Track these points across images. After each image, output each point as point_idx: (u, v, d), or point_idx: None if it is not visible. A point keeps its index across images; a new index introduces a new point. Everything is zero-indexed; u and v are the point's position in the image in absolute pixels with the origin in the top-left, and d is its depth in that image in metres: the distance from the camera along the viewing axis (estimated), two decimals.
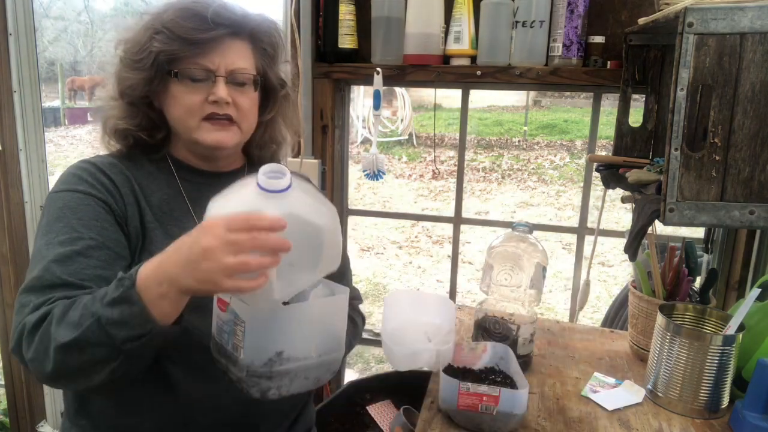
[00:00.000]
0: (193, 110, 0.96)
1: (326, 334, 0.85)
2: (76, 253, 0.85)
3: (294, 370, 0.81)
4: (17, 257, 1.90)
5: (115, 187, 0.95)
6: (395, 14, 1.61)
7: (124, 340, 0.75)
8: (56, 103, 12.41)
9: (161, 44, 0.93)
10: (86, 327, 0.75)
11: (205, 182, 1.05)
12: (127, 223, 0.94)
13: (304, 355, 0.82)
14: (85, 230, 0.88)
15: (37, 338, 0.79)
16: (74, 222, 0.88)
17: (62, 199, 0.91)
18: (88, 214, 0.90)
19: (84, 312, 0.77)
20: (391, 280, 4.79)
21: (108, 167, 0.97)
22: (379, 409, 1.57)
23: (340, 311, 0.87)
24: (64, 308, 0.79)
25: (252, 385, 0.80)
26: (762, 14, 0.92)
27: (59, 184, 0.95)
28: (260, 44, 1.02)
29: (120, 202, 0.94)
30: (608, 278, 4.76)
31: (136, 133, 1.01)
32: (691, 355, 1.01)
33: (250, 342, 0.77)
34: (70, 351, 0.76)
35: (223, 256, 0.68)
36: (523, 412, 0.96)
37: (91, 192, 0.92)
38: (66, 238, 0.87)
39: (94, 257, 0.86)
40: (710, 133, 0.97)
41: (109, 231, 0.90)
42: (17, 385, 2.01)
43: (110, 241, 0.89)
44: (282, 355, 0.79)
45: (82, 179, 0.94)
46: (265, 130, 1.10)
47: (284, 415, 1.09)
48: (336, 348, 0.86)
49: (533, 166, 8.89)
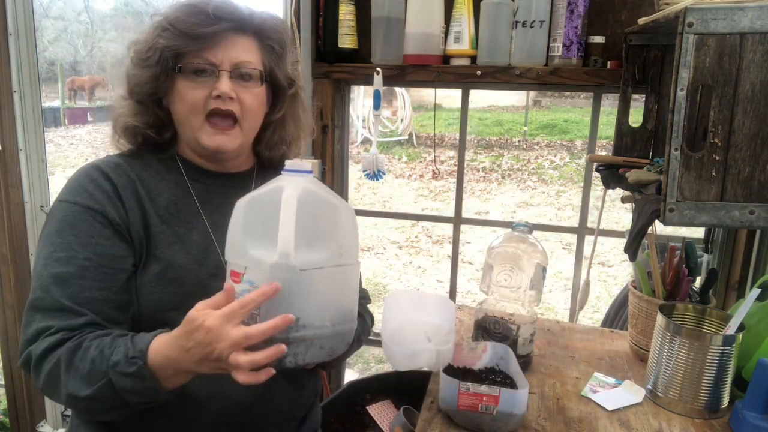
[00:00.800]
0: (197, 106, 0.96)
1: (340, 304, 0.87)
2: (72, 275, 0.89)
3: (310, 338, 0.83)
4: (17, 257, 1.90)
5: (117, 192, 0.95)
6: (395, 14, 1.61)
7: (137, 402, 0.83)
8: (56, 103, 12.41)
9: (166, 40, 0.94)
10: (99, 387, 0.82)
11: (215, 183, 1.05)
12: (129, 230, 0.95)
13: (319, 323, 0.83)
14: (80, 249, 0.91)
15: (45, 376, 0.86)
16: (71, 239, 0.91)
17: (62, 211, 0.94)
18: (85, 230, 0.92)
19: (93, 367, 0.82)
20: (391, 280, 4.79)
21: (113, 170, 0.98)
22: (379, 409, 1.57)
23: (352, 282, 0.90)
24: (70, 354, 0.84)
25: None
26: (762, 14, 0.92)
27: (64, 190, 0.96)
28: (267, 41, 1.01)
29: (121, 209, 0.95)
30: (608, 278, 4.76)
31: (145, 131, 1.02)
32: (691, 355, 1.01)
33: (267, 309, 0.79)
34: (82, 402, 0.84)
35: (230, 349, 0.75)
36: (523, 412, 0.96)
37: (89, 205, 0.93)
38: (63, 255, 0.90)
39: (89, 278, 0.90)
40: (710, 133, 0.97)
41: (104, 246, 0.92)
42: (17, 385, 2.01)
43: (105, 258, 0.92)
44: (298, 322, 0.80)
45: (83, 189, 0.95)
46: (275, 130, 1.09)
47: (291, 417, 1.08)
48: (350, 319, 0.89)
49: (533, 166, 8.88)
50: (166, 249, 0.95)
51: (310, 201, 0.81)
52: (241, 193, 1.07)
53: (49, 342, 0.85)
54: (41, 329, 0.87)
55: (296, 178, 0.84)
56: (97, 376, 0.82)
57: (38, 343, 0.86)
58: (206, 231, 1.01)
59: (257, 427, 1.01)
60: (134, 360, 0.81)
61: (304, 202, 0.80)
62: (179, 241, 0.97)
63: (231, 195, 1.06)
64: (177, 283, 0.94)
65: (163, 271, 0.94)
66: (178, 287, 0.94)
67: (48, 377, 0.85)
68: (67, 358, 0.84)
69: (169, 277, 0.94)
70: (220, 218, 1.02)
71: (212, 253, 0.99)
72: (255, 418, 1.00)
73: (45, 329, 0.87)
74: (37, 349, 0.86)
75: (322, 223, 0.83)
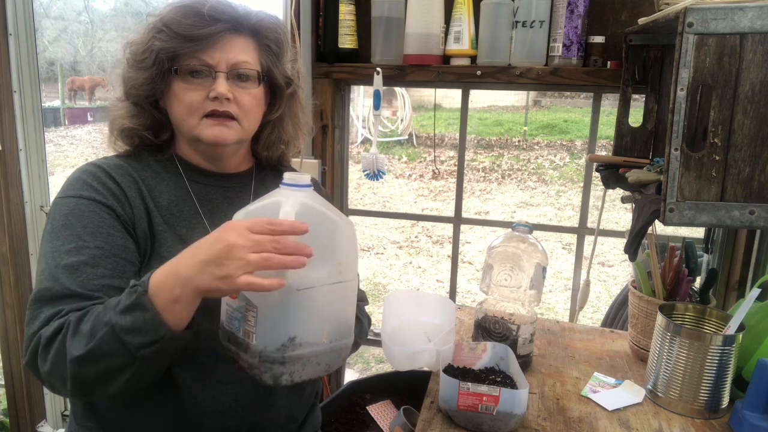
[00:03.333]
0: (194, 108, 0.95)
1: (337, 320, 0.86)
2: (83, 263, 0.86)
3: (307, 356, 0.81)
4: (17, 257, 1.90)
5: (122, 190, 0.94)
6: (395, 14, 1.61)
7: (139, 346, 0.77)
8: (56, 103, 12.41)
9: (161, 42, 0.93)
10: (100, 337, 0.77)
11: (214, 183, 1.04)
12: (135, 227, 0.94)
13: (316, 340, 0.82)
14: (90, 238, 0.88)
15: (53, 352, 0.80)
16: (80, 230, 0.89)
17: (67, 205, 0.91)
18: (93, 221, 0.90)
19: (96, 323, 0.78)
20: (391, 280, 4.79)
21: (115, 169, 0.97)
22: (379, 409, 1.57)
23: (350, 297, 0.88)
24: (77, 320, 0.80)
25: (265, 371, 0.80)
26: (762, 14, 0.92)
27: (65, 188, 0.95)
28: (264, 41, 1.01)
29: (126, 207, 0.94)
30: (608, 278, 4.76)
31: (142, 133, 1.01)
32: (691, 355, 1.01)
33: (263, 327, 0.78)
34: (86, 362, 0.78)
35: (246, 252, 0.72)
36: (523, 412, 0.96)
37: (95, 198, 0.92)
38: (72, 246, 0.87)
39: (101, 266, 0.87)
40: (710, 133, 0.97)
41: (115, 237, 0.90)
42: (17, 385, 2.01)
43: (117, 248, 0.90)
44: (295, 340, 0.79)
45: (88, 184, 0.93)
46: (273, 130, 1.09)
47: (293, 419, 1.08)
48: (346, 334, 0.87)
49: (533, 166, 8.88)
50: (170, 248, 0.95)
51: (309, 217, 0.78)
52: (241, 194, 1.07)
53: (59, 322, 0.81)
54: (51, 315, 0.83)
55: (294, 192, 0.81)
56: (100, 327, 0.77)
57: (48, 326, 0.82)
58: (206, 231, 1.00)
59: (258, 429, 1.01)
60: (134, 288, 0.77)
61: (303, 219, 0.78)
62: (181, 242, 0.97)
63: (230, 195, 1.06)
64: None
65: None
66: None
67: (55, 356, 0.80)
68: (74, 325, 0.80)
69: None
70: (219, 219, 1.02)
71: None
72: (256, 421, 1.00)
73: (55, 314, 0.83)
74: (47, 332, 0.81)
75: (321, 240, 0.80)
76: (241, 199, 1.07)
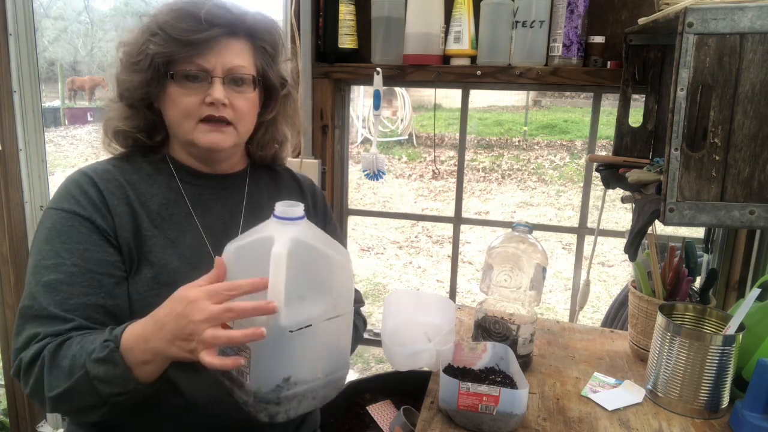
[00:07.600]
0: (189, 112, 0.95)
1: (332, 353, 0.84)
2: (60, 281, 0.88)
3: (302, 393, 0.80)
4: (17, 257, 1.90)
5: (103, 199, 0.94)
6: (395, 14, 1.61)
7: (110, 395, 0.80)
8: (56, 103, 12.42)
9: (157, 46, 0.93)
10: (75, 379, 0.80)
11: (207, 185, 1.04)
12: (117, 236, 0.94)
13: (311, 377, 0.81)
14: (68, 255, 0.90)
15: (32, 380, 0.85)
16: (59, 246, 0.91)
17: (51, 219, 0.94)
18: (72, 237, 0.91)
19: (73, 363, 0.81)
20: (391, 280, 4.79)
21: (101, 176, 0.97)
22: (379, 409, 1.57)
23: (345, 329, 0.86)
24: (53, 353, 0.84)
25: (260, 410, 0.79)
26: (762, 14, 0.92)
27: (53, 198, 0.97)
28: (259, 43, 1.00)
29: (107, 216, 0.94)
30: (608, 278, 4.76)
31: (135, 135, 1.01)
32: (691, 355, 1.01)
33: (256, 369, 0.76)
34: (63, 399, 0.83)
35: (207, 327, 0.73)
36: (523, 412, 0.96)
37: (75, 210, 0.93)
38: (51, 263, 0.90)
39: (77, 284, 0.89)
40: (710, 133, 0.97)
41: (92, 252, 0.91)
42: (17, 386, 2.01)
43: (93, 263, 0.91)
44: (289, 380, 0.78)
45: (71, 195, 0.94)
46: (267, 130, 1.09)
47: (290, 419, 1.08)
48: (342, 365, 0.86)
49: (533, 166, 8.89)
50: (160, 253, 0.95)
51: (301, 255, 0.76)
52: (235, 195, 1.07)
53: (37, 348, 0.85)
54: (30, 336, 0.86)
55: (287, 227, 0.78)
56: (76, 369, 0.80)
57: (27, 350, 0.86)
58: (199, 234, 1.00)
59: (256, 429, 1.01)
60: (107, 343, 0.79)
61: (295, 257, 0.74)
62: (172, 245, 0.96)
63: (223, 197, 1.06)
64: (171, 286, 0.93)
65: (156, 276, 0.93)
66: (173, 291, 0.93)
67: (35, 382, 0.85)
68: (50, 359, 0.83)
69: (163, 281, 0.93)
70: (212, 221, 1.02)
71: (206, 256, 0.98)
72: (253, 421, 1.00)
73: (33, 336, 0.86)
74: (26, 356, 0.85)
75: (315, 276, 0.78)
76: (234, 200, 1.06)
